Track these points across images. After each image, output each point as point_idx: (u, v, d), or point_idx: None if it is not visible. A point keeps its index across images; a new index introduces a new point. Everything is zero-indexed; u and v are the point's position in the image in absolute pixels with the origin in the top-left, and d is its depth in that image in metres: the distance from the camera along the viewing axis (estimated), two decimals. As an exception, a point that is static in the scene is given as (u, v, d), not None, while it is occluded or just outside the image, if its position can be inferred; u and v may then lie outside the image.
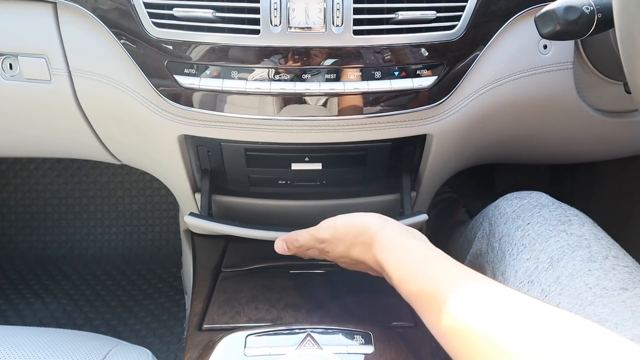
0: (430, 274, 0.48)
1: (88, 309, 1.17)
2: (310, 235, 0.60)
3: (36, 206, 1.33)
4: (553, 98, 0.66)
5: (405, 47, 0.57)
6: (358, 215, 0.58)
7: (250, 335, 0.58)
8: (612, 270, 0.51)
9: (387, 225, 0.55)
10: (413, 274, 0.49)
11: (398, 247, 0.53)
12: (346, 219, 0.58)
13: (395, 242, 0.53)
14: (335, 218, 0.59)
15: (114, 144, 0.73)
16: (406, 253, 0.52)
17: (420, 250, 0.52)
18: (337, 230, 0.58)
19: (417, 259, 0.50)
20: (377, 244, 0.54)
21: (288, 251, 0.63)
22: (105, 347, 0.60)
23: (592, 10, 0.48)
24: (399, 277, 0.51)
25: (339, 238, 0.58)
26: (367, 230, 0.55)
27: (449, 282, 0.46)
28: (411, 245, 0.52)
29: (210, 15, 0.55)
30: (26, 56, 0.63)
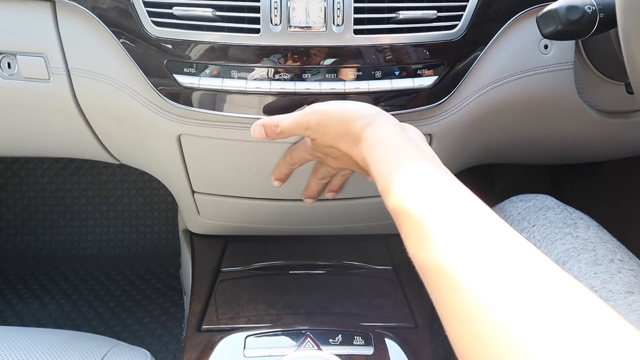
0: (417, 189, 0.42)
1: (86, 309, 1.17)
2: (294, 120, 0.55)
3: (34, 206, 1.32)
4: (554, 98, 0.66)
5: (405, 47, 0.57)
6: (349, 103, 0.53)
7: (250, 336, 0.58)
8: (617, 273, 0.51)
9: (379, 119, 0.50)
10: (397, 186, 0.43)
11: (387, 147, 0.47)
12: (335, 105, 0.53)
13: (384, 140, 0.48)
14: (325, 103, 0.54)
15: (112, 143, 0.73)
16: (396, 156, 0.46)
17: (413, 155, 0.46)
18: (325, 117, 0.53)
19: (407, 167, 0.44)
20: (365, 138, 0.49)
21: (266, 137, 0.57)
22: (104, 348, 0.60)
23: (594, 10, 0.48)
24: (383, 186, 0.45)
25: (326, 125, 0.53)
26: (357, 120, 0.51)
27: (438, 204, 0.40)
28: (403, 145, 0.47)
29: (210, 14, 0.55)
30: (24, 55, 0.62)
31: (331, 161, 0.59)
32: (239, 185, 0.70)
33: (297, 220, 0.76)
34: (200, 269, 0.75)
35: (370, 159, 0.48)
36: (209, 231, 0.81)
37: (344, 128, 0.52)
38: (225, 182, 0.70)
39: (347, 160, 0.56)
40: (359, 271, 0.74)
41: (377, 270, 0.77)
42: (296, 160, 0.62)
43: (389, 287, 0.63)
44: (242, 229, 0.79)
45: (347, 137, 0.51)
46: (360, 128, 0.50)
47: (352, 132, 0.51)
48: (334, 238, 0.80)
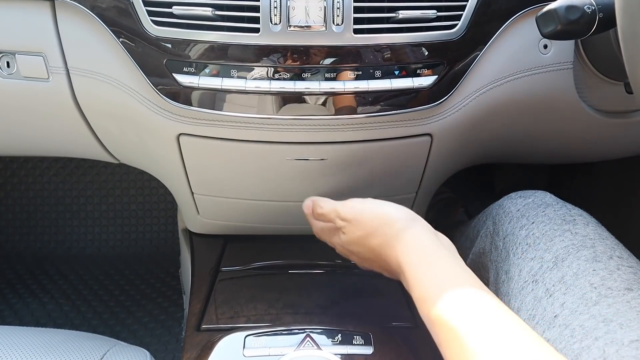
0: (457, 303, 0.44)
1: (85, 308, 1.17)
2: (334, 209, 0.58)
3: (34, 205, 1.32)
4: (553, 98, 0.66)
5: (405, 46, 0.57)
6: (386, 205, 0.55)
7: (249, 336, 0.58)
8: (616, 270, 0.51)
9: (415, 225, 0.52)
10: (436, 296, 0.45)
11: (424, 255, 0.49)
12: (374, 204, 0.55)
13: (421, 247, 0.49)
14: (364, 200, 0.56)
15: (112, 143, 0.73)
16: (432, 266, 0.48)
17: (448, 267, 0.47)
18: (362, 214, 0.55)
19: (443, 280, 0.46)
20: (401, 242, 0.50)
21: (310, 214, 0.61)
22: (103, 348, 0.60)
23: (594, 10, 0.48)
24: (420, 294, 0.47)
25: (361, 221, 0.54)
26: (394, 222, 0.52)
27: (475, 323, 0.42)
28: (438, 257, 0.48)
29: (210, 13, 0.55)
30: (24, 54, 0.62)
31: (354, 258, 0.59)
32: (237, 187, 0.70)
33: (297, 220, 0.76)
34: (199, 268, 0.75)
35: (407, 263, 0.49)
36: (209, 231, 0.81)
37: (379, 228, 0.52)
38: (224, 184, 0.70)
39: (374, 261, 0.56)
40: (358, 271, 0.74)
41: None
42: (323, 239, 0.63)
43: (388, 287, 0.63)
44: (241, 229, 0.79)
45: (382, 237, 0.52)
46: (397, 231, 0.51)
47: (387, 233, 0.52)
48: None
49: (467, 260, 0.72)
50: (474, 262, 0.70)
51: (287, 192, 0.70)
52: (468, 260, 0.72)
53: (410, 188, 0.73)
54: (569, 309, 0.49)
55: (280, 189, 0.70)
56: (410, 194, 0.74)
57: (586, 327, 0.47)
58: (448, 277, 0.47)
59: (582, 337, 0.46)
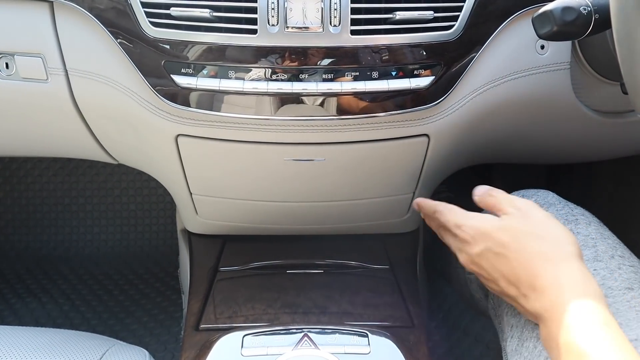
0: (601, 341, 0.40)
1: (85, 308, 1.17)
2: (509, 197, 0.54)
3: (33, 205, 1.32)
4: (550, 98, 0.66)
5: (402, 47, 0.57)
6: (564, 226, 0.49)
7: (247, 335, 0.58)
8: (617, 269, 0.52)
9: (583, 260, 0.47)
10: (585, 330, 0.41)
11: (590, 293, 0.44)
12: (554, 217, 0.50)
13: (589, 284, 0.44)
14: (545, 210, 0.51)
15: (110, 143, 0.73)
16: (593, 310, 0.42)
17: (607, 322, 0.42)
18: (539, 214, 0.50)
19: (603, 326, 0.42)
20: (568, 266, 0.46)
21: (479, 195, 0.59)
22: (102, 347, 0.60)
23: (590, 11, 0.49)
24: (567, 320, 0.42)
25: (535, 220, 0.50)
26: (567, 243, 0.48)
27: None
28: (600, 304, 0.43)
29: (208, 14, 0.55)
30: (23, 55, 0.63)
31: (476, 249, 0.53)
32: (236, 187, 0.70)
33: (295, 220, 0.76)
34: (198, 268, 0.75)
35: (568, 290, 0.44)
36: (207, 231, 0.82)
37: (550, 237, 0.48)
38: (222, 184, 0.70)
39: (506, 261, 0.50)
40: (355, 271, 0.74)
41: (374, 269, 0.77)
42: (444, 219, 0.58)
43: (385, 287, 0.64)
44: (240, 229, 0.79)
45: (548, 247, 0.48)
46: (569, 253, 0.47)
47: (557, 248, 0.47)
48: (332, 237, 0.81)
49: None
50: None
51: (285, 192, 0.71)
52: None
53: (408, 188, 0.73)
54: None
55: (278, 190, 0.70)
56: (408, 194, 0.74)
57: None
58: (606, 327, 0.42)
59: None
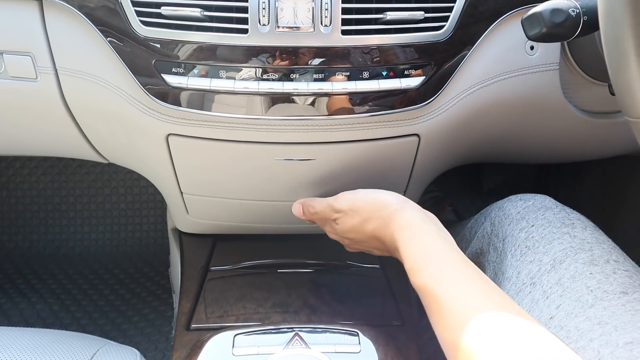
0: (439, 271, 0.49)
1: (75, 308, 1.17)
2: (327, 204, 0.62)
3: (22, 204, 1.31)
4: (539, 98, 0.66)
5: (393, 47, 0.57)
6: (378, 192, 0.59)
7: (239, 335, 0.58)
8: (612, 274, 0.52)
9: (406, 205, 0.56)
10: (422, 266, 0.50)
11: (416, 229, 0.53)
12: (366, 193, 0.60)
13: (414, 223, 0.54)
14: (355, 191, 0.60)
15: (101, 143, 0.73)
16: (421, 239, 0.53)
17: (435, 239, 0.52)
18: (355, 203, 0.59)
19: (431, 250, 0.51)
20: (395, 222, 0.55)
21: (302, 215, 0.66)
22: (93, 347, 0.60)
23: (578, 13, 0.49)
24: (410, 265, 0.52)
25: (356, 210, 0.59)
26: (387, 206, 0.57)
27: (456, 285, 0.47)
28: (428, 230, 0.53)
29: (199, 14, 0.55)
30: (11, 54, 0.62)
31: (347, 242, 0.64)
32: (226, 187, 0.70)
33: (286, 220, 0.76)
34: (189, 267, 0.75)
35: (400, 240, 0.54)
36: (198, 230, 0.81)
37: (374, 213, 0.57)
38: (213, 184, 0.70)
39: (368, 243, 0.60)
40: (346, 270, 0.74)
41: (365, 268, 0.77)
42: (317, 218, 0.66)
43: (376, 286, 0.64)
44: (231, 228, 0.79)
45: (377, 221, 0.57)
46: (391, 212, 0.56)
47: (382, 216, 0.57)
48: (323, 237, 0.81)
49: None
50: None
51: (276, 191, 0.71)
52: None
53: (398, 187, 0.73)
54: (565, 311, 0.50)
55: (269, 189, 0.70)
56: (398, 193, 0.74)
57: (581, 328, 0.48)
58: (434, 249, 0.51)
59: (577, 338, 0.47)
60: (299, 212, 0.66)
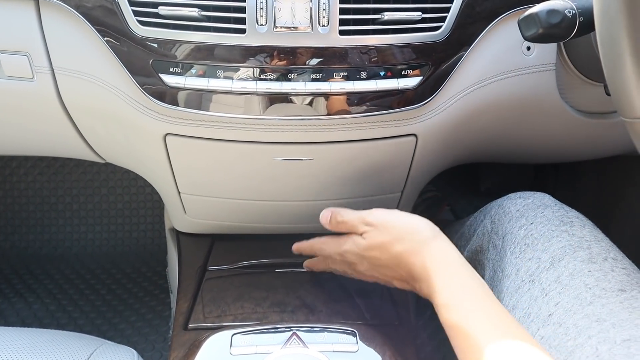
0: (476, 314, 0.48)
1: (72, 308, 1.16)
2: (359, 216, 0.60)
3: (18, 204, 1.31)
4: (536, 99, 0.67)
5: (390, 48, 0.58)
6: (413, 216, 0.58)
7: (236, 334, 0.58)
8: (610, 271, 0.53)
9: (440, 237, 0.55)
10: (458, 304, 0.49)
11: (451, 263, 0.53)
12: (402, 214, 0.58)
13: (449, 256, 0.53)
14: (391, 210, 0.59)
15: (98, 142, 0.72)
16: (458, 275, 0.52)
17: (471, 279, 0.52)
18: (389, 221, 0.58)
19: (467, 289, 0.50)
20: (428, 250, 0.54)
21: (329, 224, 0.63)
22: (90, 347, 0.60)
23: (574, 14, 0.49)
24: (445, 301, 0.51)
25: (388, 227, 0.57)
26: (421, 232, 0.55)
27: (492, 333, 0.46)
28: (464, 266, 0.52)
29: (196, 14, 0.55)
30: (7, 53, 0.62)
31: (365, 266, 0.61)
32: (224, 186, 0.70)
33: (284, 220, 0.76)
34: (187, 267, 0.75)
35: (434, 270, 0.53)
36: (196, 230, 0.81)
37: (407, 235, 0.56)
38: (211, 183, 0.70)
39: (391, 268, 0.58)
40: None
41: None
42: (325, 253, 0.65)
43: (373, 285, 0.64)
44: (228, 228, 0.79)
45: (408, 243, 0.55)
46: (424, 239, 0.55)
47: (415, 240, 0.55)
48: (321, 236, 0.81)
49: None
50: (470, 259, 0.71)
51: (274, 191, 0.71)
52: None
53: (396, 187, 0.74)
54: (564, 308, 0.51)
55: (267, 189, 0.70)
56: (396, 193, 0.75)
57: (580, 326, 0.48)
58: (470, 288, 0.51)
59: (576, 335, 0.48)
60: (326, 220, 0.63)
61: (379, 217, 0.58)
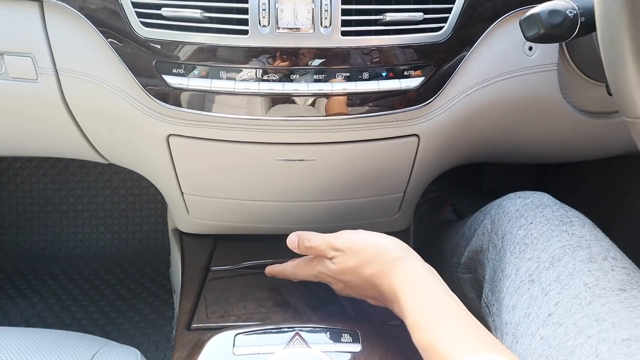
0: (446, 332, 0.48)
1: (76, 308, 1.17)
2: (325, 240, 0.59)
3: (22, 205, 1.31)
4: (538, 99, 0.67)
5: (392, 48, 0.58)
6: (380, 235, 0.57)
7: (239, 335, 0.58)
8: (610, 271, 0.53)
9: (409, 254, 0.55)
10: (428, 324, 0.49)
11: (419, 283, 0.52)
12: (368, 235, 0.58)
13: (417, 275, 0.52)
14: (357, 232, 0.58)
15: (101, 143, 0.73)
16: (426, 293, 0.51)
17: (441, 296, 0.51)
18: (356, 244, 0.57)
19: (437, 308, 0.50)
20: (397, 271, 0.53)
21: (297, 248, 0.63)
22: (93, 347, 0.60)
23: (576, 14, 0.49)
24: (414, 321, 0.50)
25: (356, 251, 0.57)
26: (388, 252, 0.55)
27: (464, 347, 0.46)
28: (432, 285, 0.52)
29: (199, 15, 0.55)
30: (12, 55, 0.62)
31: (340, 286, 0.61)
32: (227, 187, 0.70)
33: (287, 220, 0.76)
34: (189, 268, 0.75)
35: (402, 292, 0.52)
36: (199, 230, 0.82)
37: (375, 257, 0.55)
38: (214, 184, 0.70)
39: (362, 289, 0.58)
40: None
41: None
42: (300, 277, 0.65)
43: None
44: (231, 229, 0.79)
45: (376, 265, 0.55)
46: (393, 260, 0.54)
47: (383, 262, 0.54)
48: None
49: (463, 259, 0.74)
50: (470, 259, 0.71)
51: (276, 192, 0.71)
52: (464, 258, 0.73)
53: (398, 187, 0.74)
54: (563, 307, 0.51)
55: (270, 189, 0.70)
56: (398, 194, 0.75)
57: (579, 325, 0.48)
58: (440, 306, 0.50)
59: (576, 335, 0.48)
60: (293, 244, 0.63)
61: (345, 241, 0.58)
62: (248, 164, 0.66)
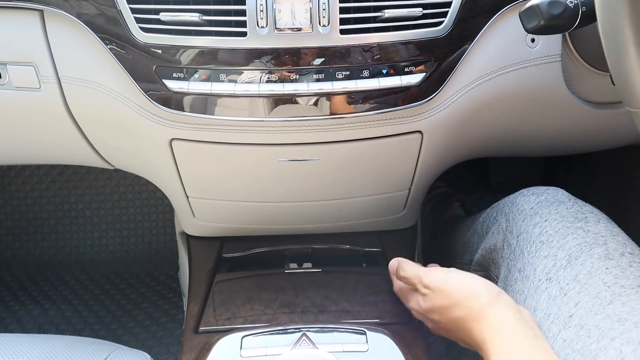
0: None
1: (87, 313, 1.18)
2: (417, 274, 0.59)
3: (32, 212, 1.33)
4: (542, 91, 0.66)
5: (392, 45, 0.57)
6: (471, 277, 0.56)
7: (246, 336, 0.59)
8: (629, 267, 0.52)
9: (500, 300, 0.52)
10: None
11: (508, 335, 0.49)
12: (458, 275, 0.57)
13: (506, 325, 0.50)
14: (448, 270, 0.58)
15: (106, 149, 0.73)
16: (513, 348, 0.48)
17: (527, 348, 0.48)
18: (445, 284, 0.56)
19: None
20: (486, 319, 0.51)
21: (394, 274, 0.64)
22: (104, 352, 0.60)
23: (576, 4, 0.49)
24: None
25: (445, 292, 0.55)
26: (478, 296, 0.53)
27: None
28: (521, 336, 0.49)
29: (197, 19, 0.55)
30: (15, 65, 0.63)
31: (430, 325, 0.60)
32: (232, 189, 0.71)
33: (292, 220, 0.76)
34: (197, 271, 0.76)
35: (491, 343, 0.50)
36: (205, 233, 0.82)
37: (464, 300, 0.53)
38: (218, 187, 0.70)
39: (452, 331, 0.57)
40: (353, 269, 0.74)
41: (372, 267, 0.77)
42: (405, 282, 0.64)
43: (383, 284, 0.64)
44: (237, 230, 0.80)
45: (465, 310, 0.53)
46: (482, 305, 0.52)
47: (472, 307, 0.53)
48: (329, 236, 0.81)
49: (476, 257, 0.73)
50: (484, 257, 0.70)
51: (281, 192, 0.71)
52: (477, 256, 0.73)
53: (403, 184, 0.73)
54: (584, 308, 0.50)
55: (274, 190, 0.70)
56: (403, 191, 0.74)
57: (602, 327, 0.48)
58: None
59: (599, 338, 0.47)
60: (393, 269, 0.64)
61: (435, 280, 0.57)
62: (251, 166, 0.66)
